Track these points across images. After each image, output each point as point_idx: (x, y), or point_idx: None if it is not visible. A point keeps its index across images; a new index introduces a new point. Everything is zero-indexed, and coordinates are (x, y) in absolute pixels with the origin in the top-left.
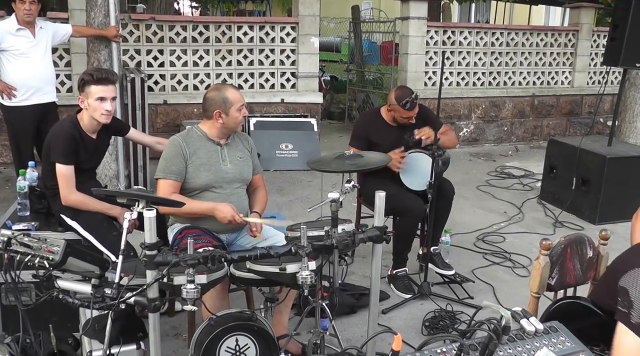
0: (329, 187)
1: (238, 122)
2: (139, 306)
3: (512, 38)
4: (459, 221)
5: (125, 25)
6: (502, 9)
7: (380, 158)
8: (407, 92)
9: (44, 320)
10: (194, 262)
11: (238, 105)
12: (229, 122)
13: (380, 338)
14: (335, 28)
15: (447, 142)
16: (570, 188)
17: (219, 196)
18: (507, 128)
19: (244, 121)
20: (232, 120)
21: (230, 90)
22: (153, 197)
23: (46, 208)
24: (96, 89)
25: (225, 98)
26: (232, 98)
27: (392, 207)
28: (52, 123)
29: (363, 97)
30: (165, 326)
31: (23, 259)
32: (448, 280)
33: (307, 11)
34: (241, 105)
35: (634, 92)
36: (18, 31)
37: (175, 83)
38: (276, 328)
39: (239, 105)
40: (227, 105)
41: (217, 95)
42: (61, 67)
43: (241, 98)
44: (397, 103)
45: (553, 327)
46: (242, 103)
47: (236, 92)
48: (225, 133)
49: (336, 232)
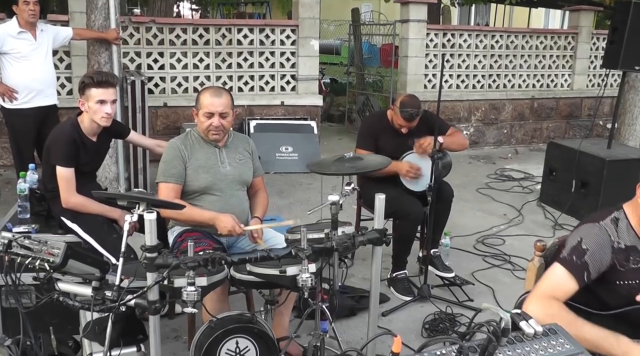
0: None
1: (204, 127)
2: (139, 308)
3: (512, 40)
4: (458, 223)
5: (125, 28)
6: (502, 12)
7: (379, 161)
8: (414, 103)
9: (44, 322)
10: (194, 264)
11: (205, 110)
12: (199, 124)
13: (379, 340)
14: (335, 30)
15: (452, 144)
16: (569, 190)
17: (218, 199)
18: (506, 131)
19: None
20: (200, 123)
21: (207, 93)
22: (153, 199)
23: (46, 211)
24: (96, 91)
25: (198, 99)
26: (202, 102)
27: (391, 210)
28: (52, 126)
29: (363, 99)
30: (165, 329)
31: (23, 261)
32: (447, 282)
33: (307, 13)
34: (207, 111)
35: (632, 94)
36: (19, 34)
37: (175, 85)
38: (276, 330)
39: (205, 111)
40: (198, 106)
41: (198, 94)
42: (61, 70)
43: (212, 104)
44: (400, 107)
45: (552, 329)
46: (210, 110)
47: (211, 98)
48: (203, 136)
49: (336, 234)
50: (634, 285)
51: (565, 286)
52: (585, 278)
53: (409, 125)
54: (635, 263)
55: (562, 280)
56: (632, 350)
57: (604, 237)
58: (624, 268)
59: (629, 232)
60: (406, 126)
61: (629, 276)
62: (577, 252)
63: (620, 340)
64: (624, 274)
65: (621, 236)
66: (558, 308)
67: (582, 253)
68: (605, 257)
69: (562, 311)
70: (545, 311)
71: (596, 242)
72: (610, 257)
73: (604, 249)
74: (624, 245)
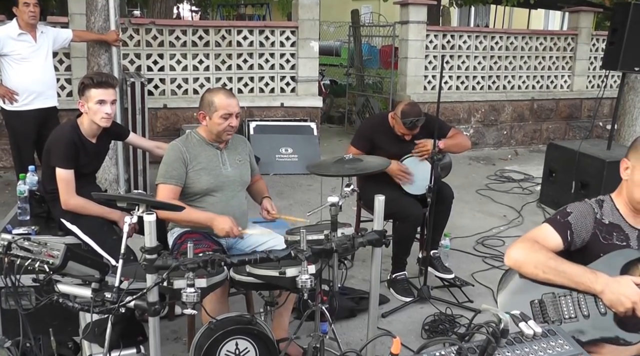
0: (328, 191)
1: (221, 129)
2: (138, 309)
3: (511, 42)
4: (458, 224)
5: (125, 29)
6: (502, 13)
7: (379, 163)
8: (415, 111)
9: (44, 324)
10: (193, 265)
11: (222, 112)
12: (211, 127)
13: (379, 341)
14: (335, 32)
15: (453, 147)
16: (569, 191)
17: (219, 200)
18: (506, 132)
19: (232, 130)
20: (214, 125)
21: (221, 94)
22: (152, 200)
23: (46, 212)
24: (96, 92)
25: (211, 101)
26: (218, 103)
27: (391, 211)
28: (52, 128)
29: (362, 100)
30: (165, 330)
31: (23, 263)
32: (447, 284)
33: (307, 15)
34: (226, 112)
35: (632, 95)
36: (19, 36)
37: (175, 87)
38: (276, 331)
39: (223, 112)
40: (212, 108)
41: (207, 96)
42: (61, 71)
43: (230, 105)
44: (400, 116)
45: (551, 330)
46: (229, 111)
47: (227, 99)
48: (212, 138)
49: (335, 236)
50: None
51: (549, 239)
52: (568, 236)
53: (411, 133)
54: (620, 241)
55: (546, 234)
56: (611, 283)
57: (588, 208)
58: (607, 242)
59: (613, 213)
60: (409, 134)
61: (613, 251)
62: (562, 213)
63: (598, 275)
64: (608, 247)
65: (605, 213)
66: (539, 247)
67: (566, 215)
68: (587, 224)
69: (542, 249)
70: (526, 250)
71: (580, 210)
72: (592, 226)
73: (587, 217)
74: (608, 221)
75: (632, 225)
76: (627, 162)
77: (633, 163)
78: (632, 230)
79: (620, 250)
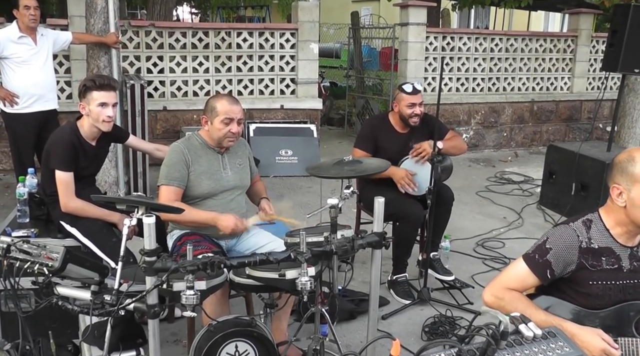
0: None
1: (221, 135)
2: (138, 312)
3: (511, 43)
4: (458, 226)
5: (124, 32)
6: (501, 15)
7: (378, 164)
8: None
9: (44, 327)
10: (193, 267)
11: (223, 117)
12: (212, 132)
13: (379, 343)
14: (335, 34)
15: (451, 149)
16: (569, 193)
17: (219, 203)
18: (506, 134)
19: (233, 137)
20: (215, 130)
21: (224, 100)
22: (152, 203)
23: (45, 215)
24: (98, 94)
25: (213, 106)
26: (220, 109)
27: (391, 213)
28: (52, 130)
29: (362, 102)
30: (164, 332)
31: (22, 265)
32: (447, 286)
33: (307, 17)
34: (227, 117)
35: (632, 97)
36: (20, 38)
37: (175, 89)
38: (275, 333)
39: (223, 117)
40: (213, 113)
41: (211, 101)
42: (61, 74)
43: (231, 111)
44: (399, 90)
45: (551, 332)
46: (230, 116)
47: (229, 104)
48: (214, 144)
49: (335, 238)
50: (609, 286)
51: (525, 281)
52: (548, 275)
53: (417, 100)
54: (610, 264)
55: (522, 276)
56: (578, 333)
57: (571, 237)
58: (595, 269)
59: (603, 235)
60: (415, 102)
61: (603, 277)
62: (540, 251)
63: (565, 325)
64: (597, 274)
65: (593, 237)
66: (510, 297)
67: (544, 252)
68: (570, 257)
69: (513, 299)
70: (497, 299)
71: (561, 244)
72: (577, 257)
73: (570, 250)
74: (597, 245)
75: (623, 245)
76: (618, 187)
77: (626, 186)
78: (624, 249)
79: (631, 303)
